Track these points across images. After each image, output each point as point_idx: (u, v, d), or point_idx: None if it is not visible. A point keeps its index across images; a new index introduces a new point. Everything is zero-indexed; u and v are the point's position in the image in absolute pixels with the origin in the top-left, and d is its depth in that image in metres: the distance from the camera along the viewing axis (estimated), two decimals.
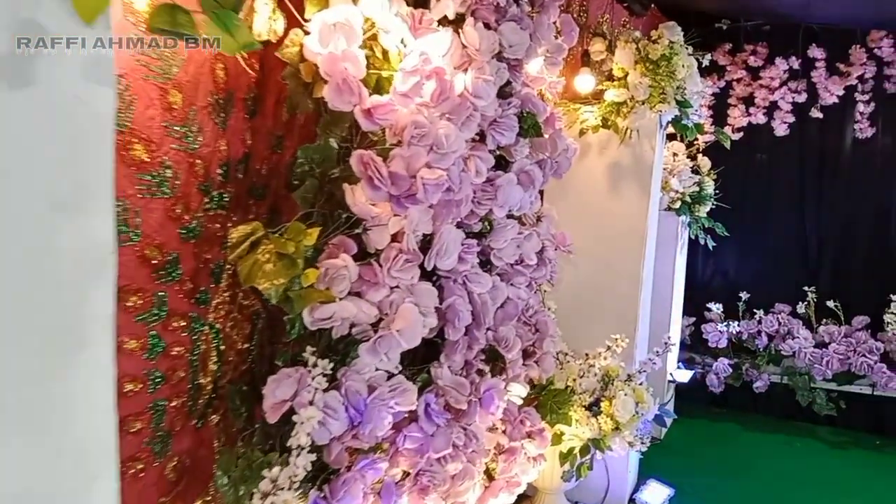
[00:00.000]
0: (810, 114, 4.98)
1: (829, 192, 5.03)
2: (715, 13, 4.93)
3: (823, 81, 4.91)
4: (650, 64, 3.16)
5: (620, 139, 3.25)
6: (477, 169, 1.94)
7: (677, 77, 3.10)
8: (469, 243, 2.03)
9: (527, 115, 2.23)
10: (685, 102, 3.20)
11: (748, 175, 5.20)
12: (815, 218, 5.08)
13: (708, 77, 5.20)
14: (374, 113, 1.56)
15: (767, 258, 5.16)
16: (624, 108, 3.17)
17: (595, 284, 3.39)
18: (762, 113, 5.10)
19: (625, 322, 3.35)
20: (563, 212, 3.38)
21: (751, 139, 5.17)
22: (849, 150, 4.98)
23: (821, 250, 5.11)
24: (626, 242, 3.31)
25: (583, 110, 3.31)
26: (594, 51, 3.32)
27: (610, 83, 3.19)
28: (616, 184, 3.32)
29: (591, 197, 3.37)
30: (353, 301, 1.70)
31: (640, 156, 3.27)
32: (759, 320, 5.03)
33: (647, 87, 3.12)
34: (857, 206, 4.94)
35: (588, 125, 3.24)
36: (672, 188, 4.32)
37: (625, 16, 3.75)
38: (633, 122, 3.14)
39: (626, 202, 3.31)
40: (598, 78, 3.32)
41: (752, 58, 5.09)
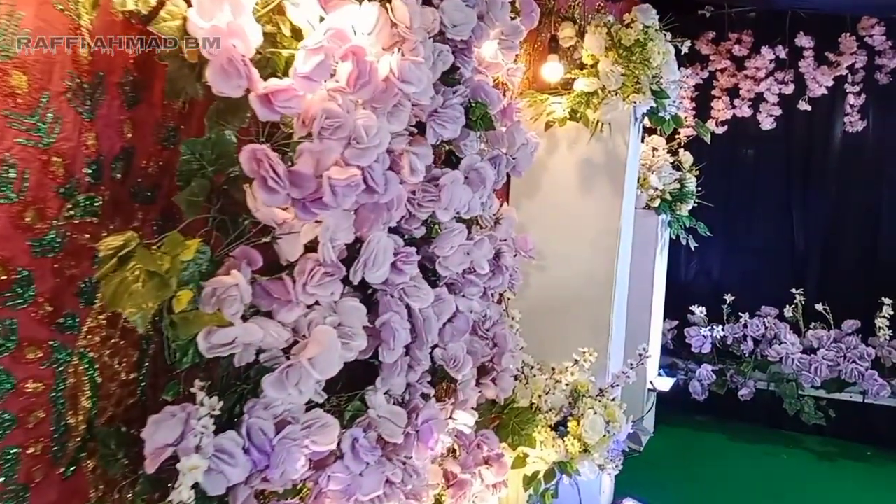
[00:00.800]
0: (798, 106, 4.77)
1: (818, 189, 4.84)
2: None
3: (812, 72, 4.71)
4: (623, 51, 2.93)
5: (591, 133, 3.01)
6: (412, 166, 1.69)
7: (652, 65, 2.87)
8: (407, 251, 1.79)
9: (475, 106, 1.99)
10: (662, 93, 2.97)
11: (732, 171, 5.00)
12: (802, 216, 4.88)
13: (690, 67, 4.99)
14: (274, 99, 1.32)
15: (753, 259, 4.97)
16: (594, 99, 2.94)
17: (565, 290, 3.16)
18: (747, 105, 4.90)
19: (597, 330, 3.13)
20: (530, 211, 3.16)
21: (735, 133, 4.96)
22: (838, 145, 4.79)
23: (809, 250, 4.91)
24: (598, 244, 3.08)
25: (550, 101, 3.07)
26: (563, 36, 3.08)
27: (580, 72, 2.95)
28: (587, 181, 3.09)
29: (559, 195, 3.13)
30: (260, 322, 1.46)
31: (612, 151, 3.04)
32: (744, 324, 4.84)
33: (619, 75, 2.89)
34: (847, 203, 4.75)
35: (555, 117, 3.00)
36: (651, 185, 4.10)
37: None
38: (605, 115, 2.91)
39: (598, 201, 3.07)
40: (567, 66, 3.08)
41: (736, 47, 4.88)
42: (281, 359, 1.52)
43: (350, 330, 1.60)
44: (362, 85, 1.44)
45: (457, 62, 2.00)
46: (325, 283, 1.51)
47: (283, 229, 1.48)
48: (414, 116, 1.79)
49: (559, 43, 3.07)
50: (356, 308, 1.62)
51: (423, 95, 1.63)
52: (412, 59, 1.54)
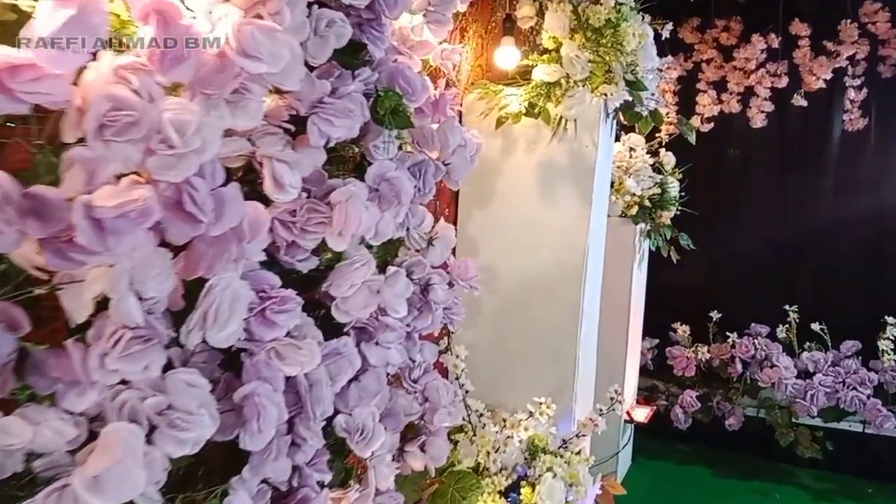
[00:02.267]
0: (792, 101, 4.35)
1: (815, 194, 4.43)
2: None
3: (808, 63, 4.29)
4: (591, 33, 2.47)
5: (552, 131, 2.55)
6: (277, 179, 1.22)
7: (626, 50, 2.42)
8: (281, 296, 1.31)
9: (383, 96, 1.51)
10: (637, 83, 2.52)
11: (720, 174, 4.58)
12: (797, 224, 4.47)
13: (673, 58, 4.55)
14: (10, 80, 0.84)
15: (742, 271, 4.55)
16: (557, 91, 2.48)
17: (523, 317, 2.70)
18: (736, 100, 4.47)
19: (562, 365, 2.67)
20: (483, 224, 2.71)
21: (723, 131, 4.54)
22: (837, 145, 4.38)
23: (804, 263, 4.50)
24: (563, 263, 2.63)
25: (506, 93, 2.61)
26: (521, 16, 2.62)
27: (539, 58, 2.49)
28: (549, 188, 2.63)
29: (517, 205, 2.67)
30: (32, 414, 1.00)
31: (579, 152, 2.58)
32: (732, 344, 4.40)
33: (586, 62, 2.43)
34: (847, 210, 4.34)
35: (508, 112, 2.54)
36: (627, 191, 3.65)
37: None
38: (569, 110, 2.45)
39: (563, 211, 2.62)
40: (526, 52, 2.62)
41: (724, 35, 4.46)
42: (66, 467, 1.06)
43: (183, 417, 1.13)
44: (174, 60, 0.97)
45: (364, 38, 1.54)
46: (136, 352, 1.04)
47: (62, 278, 1.01)
48: (287, 109, 1.32)
49: (515, 23, 2.61)
50: (193, 385, 1.15)
51: (286, 78, 1.16)
52: (260, 24, 1.06)
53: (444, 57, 1.93)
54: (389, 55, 1.67)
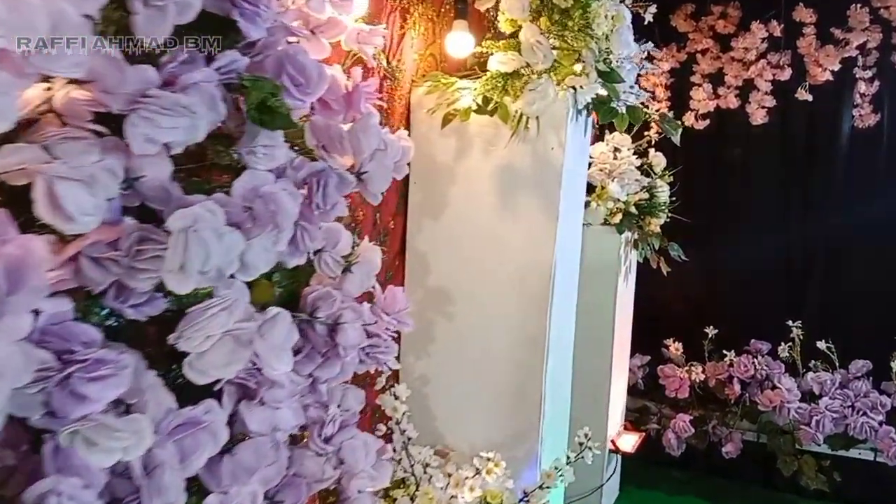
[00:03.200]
0: (796, 95, 3.98)
1: (821, 196, 4.08)
2: None
3: (814, 53, 3.93)
4: (557, 14, 2.13)
5: (511, 130, 2.21)
6: (55, 203, 0.88)
7: (596, 35, 2.07)
8: (95, 358, 0.98)
9: (250, 87, 1.16)
10: (612, 74, 2.17)
11: (716, 176, 4.23)
12: (801, 231, 4.12)
13: (665, 48, 4.21)
14: None
15: (740, 283, 4.20)
16: (516, 83, 2.14)
17: (481, 347, 2.37)
18: (734, 95, 4.11)
19: (526, 403, 2.34)
20: (435, 238, 2.37)
21: (720, 129, 4.19)
22: (846, 143, 4.02)
23: (809, 273, 4.15)
24: (526, 286, 2.30)
25: (458, 86, 2.27)
26: None
27: (494, 44, 2.15)
28: (510, 197, 2.29)
29: (473, 217, 2.34)
30: None
31: (543, 155, 2.25)
32: (729, 363, 4.07)
33: (549, 50, 2.09)
34: (857, 215, 3.98)
35: (457, 108, 2.20)
36: (611, 196, 3.31)
37: None
38: (529, 105, 2.11)
39: (525, 225, 2.28)
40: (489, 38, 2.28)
41: (720, 23, 4.11)
42: None
43: None
44: None
45: (233, 13, 1.20)
46: None
47: None
48: (91, 105, 0.98)
49: (469, 4, 2.26)
50: None
51: (60, 61, 0.82)
52: None
53: (360, 40, 1.59)
54: (278, 36, 1.33)
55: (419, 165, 2.37)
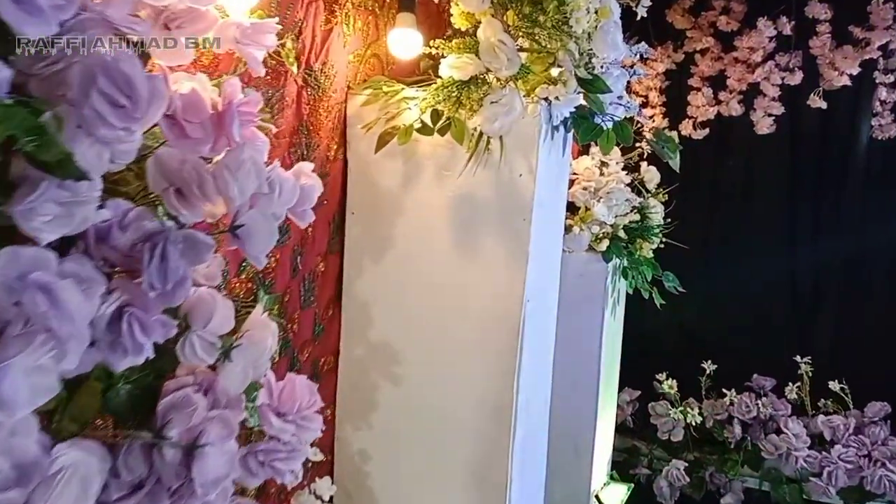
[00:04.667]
0: (808, 102, 3.58)
1: (834, 217, 3.70)
2: None
3: (828, 54, 3.52)
4: (527, 7, 1.70)
5: (469, 153, 1.78)
6: None
7: (576, 33, 1.65)
8: None
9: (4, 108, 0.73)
10: (595, 82, 1.75)
11: (716, 191, 3.83)
12: (811, 254, 3.73)
13: (660, 47, 3.80)
14: None
15: (742, 313, 3.81)
16: (474, 94, 1.71)
17: (434, 417, 1.95)
18: (737, 101, 3.71)
19: (488, 488, 1.92)
20: (378, 284, 1.96)
21: (721, 139, 3.79)
22: (863, 156, 3.64)
23: (819, 303, 3.77)
24: (489, 341, 1.88)
25: (403, 95, 1.84)
26: None
27: (446, 44, 1.72)
28: (469, 235, 1.87)
29: (424, 259, 1.91)
30: None
31: (509, 184, 1.82)
32: (729, 402, 3.67)
33: (515, 51, 1.66)
34: (875, 238, 3.60)
35: (399, 125, 1.77)
36: (596, 219, 2.89)
37: None
38: (489, 122, 1.68)
39: (488, 269, 1.86)
40: (433, 34, 1.85)
41: (722, 19, 3.69)
42: None
43: None
44: None
45: None
46: None
47: None
48: None
49: None
50: None
51: None
52: None
53: (244, 37, 1.16)
54: (89, 35, 0.90)
55: (358, 192, 1.95)
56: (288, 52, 1.44)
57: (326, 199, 1.87)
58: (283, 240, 1.67)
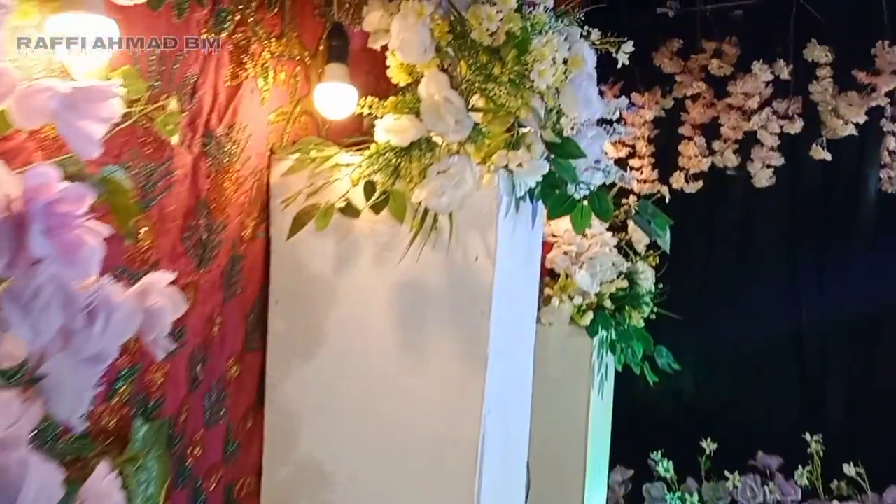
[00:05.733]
0: (810, 153, 3.28)
1: (841, 275, 3.37)
2: None
3: (830, 101, 3.24)
4: (484, 57, 1.41)
5: (412, 233, 1.47)
6: None
7: (538, 88, 1.36)
8: None
9: None
10: (565, 146, 1.45)
11: (711, 249, 3.52)
12: (818, 318, 3.40)
13: (647, 92, 3.53)
14: None
15: (744, 383, 3.47)
16: (415, 162, 1.40)
17: None
18: (732, 150, 3.42)
19: None
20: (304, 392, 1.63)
21: (716, 192, 3.49)
22: (872, 210, 3.34)
23: (828, 372, 3.43)
24: (440, 464, 1.54)
25: (336, 161, 1.54)
26: (370, 24, 1.55)
27: (379, 103, 1.42)
28: (416, 332, 1.55)
29: (362, 360, 1.59)
30: None
31: (463, 269, 1.51)
32: (732, 485, 3.32)
33: (465, 111, 1.36)
34: (886, 298, 3.29)
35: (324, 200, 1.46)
36: (578, 290, 2.59)
37: None
38: (436, 196, 1.37)
39: (439, 374, 1.54)
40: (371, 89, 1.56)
41: (714, 63, 3.42)
42: None
43: None
44: None
45: None
46: None
47: None
48: None
49: (346, 40, 1.54)
50: None
51: None
52: None
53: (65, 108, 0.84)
54: None
55: (284, 277, 1.63)
56: (167, 117, 1.13)
57: (242, 286, 1.55)
58: (175, 349, 1.34)
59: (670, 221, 1.78)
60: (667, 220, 1.76)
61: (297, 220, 1.45)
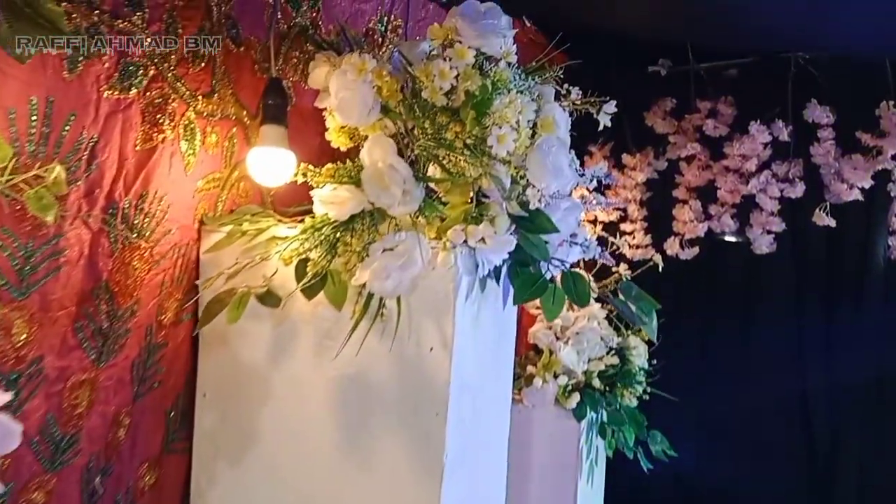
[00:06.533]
0: (813, 219, 3.07)
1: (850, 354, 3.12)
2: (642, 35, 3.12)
3: (833, 164, 3.04)
4: (443, 118, 1.23)
5: (354, 318, 1.27)
6: None
7: (497, 154, 1.17)
8: None
9: None
10: (535, 219, 1.27)
11: (709, 323, 3.29)
12: (825, 398, 3.16)
13: (639, 153, 3.36)
14: None
15: (746, 465, 3.20)
16: (356, 238, 1.21)
17: None
18: (730, 215, 3.21)
19: None
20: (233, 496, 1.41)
21: (713, 259, 3.26)
22: (881, 281, 3.11)
23: (837, 455, 3.16)
24: None
25: (274, 234, 1.35)
26: (315, 82, 1.38)
27: (314, 171, 1.24)
28: (360, 433, 1.34)
29: (298, 466, 1.38)
30: None
31: (416, 362, 1.31)
32: None
33: (410, 180, 1.18)
34: None
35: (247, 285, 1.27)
36: (562, 368, 2.38)
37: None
38: (381, 279, 1.18)
39: (387, 485, 1.32)
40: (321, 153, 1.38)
41: (709, 123, 3.23)
42: None
43: None
44: None
45: None
46: None
47: None
48: None
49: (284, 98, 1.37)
50: None
51: None
52: None
53: None
54: None
55: (213, 368, 1.43)
56: (41, 190, 0.95)
57: (161, 379, 1.35)
58: (65, 458, 1.13)
59: (656, 305, 1.57)
60: (653, 304, 1.56)
61: (209, 310, 1.25)
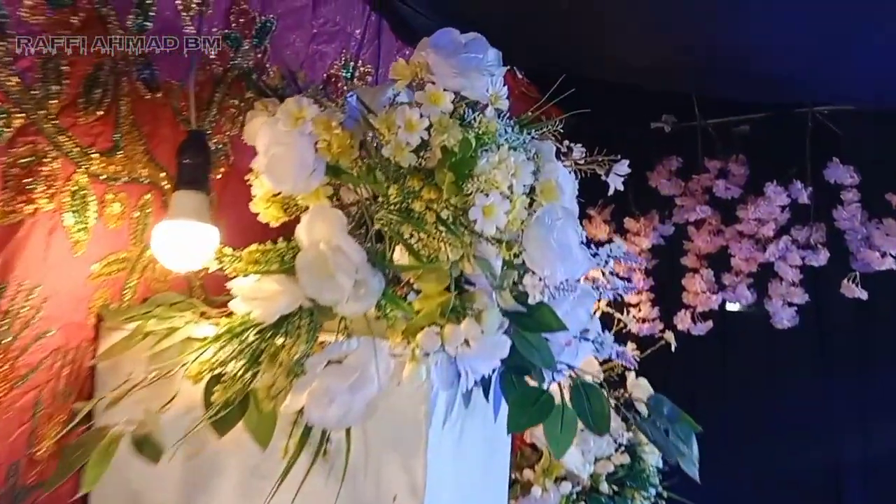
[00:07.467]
0: (841, 290, 2.77)
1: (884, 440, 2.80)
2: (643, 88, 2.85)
3: (859, 228, 2.76)
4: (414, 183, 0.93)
5: (288, 459, 0.94)
6: None
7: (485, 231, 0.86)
8: None
9: None
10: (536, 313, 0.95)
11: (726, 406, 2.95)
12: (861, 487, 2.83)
13: (643, 217, 3.07)
14: None
15: None
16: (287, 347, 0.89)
17: None
18: (746, 285, 2.90)
19: None
20: None
21: (728, 335, 2.94)
22: None
23: None
24: None
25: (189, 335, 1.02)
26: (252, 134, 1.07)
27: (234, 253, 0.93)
28: None
29: None
30: None
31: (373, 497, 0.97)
32: None
33: (364, 267, 0.86)
34: None
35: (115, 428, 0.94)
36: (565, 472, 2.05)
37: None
38: (320, 404, 0.85)
39: None
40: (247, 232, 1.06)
41: (720, 184, 2.95)
42: None
43: None
44: None
45: None
46: None
47: None
48: None
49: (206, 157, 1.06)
50: None
51: None
52: None
53: None
54: None
55: None
56: None
57: None
58: None
59: (697, 428, 1.25)
60: (693, 426, 1.23)
61: (65, 462, 0.90)
